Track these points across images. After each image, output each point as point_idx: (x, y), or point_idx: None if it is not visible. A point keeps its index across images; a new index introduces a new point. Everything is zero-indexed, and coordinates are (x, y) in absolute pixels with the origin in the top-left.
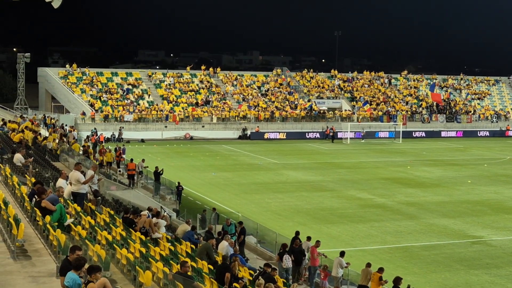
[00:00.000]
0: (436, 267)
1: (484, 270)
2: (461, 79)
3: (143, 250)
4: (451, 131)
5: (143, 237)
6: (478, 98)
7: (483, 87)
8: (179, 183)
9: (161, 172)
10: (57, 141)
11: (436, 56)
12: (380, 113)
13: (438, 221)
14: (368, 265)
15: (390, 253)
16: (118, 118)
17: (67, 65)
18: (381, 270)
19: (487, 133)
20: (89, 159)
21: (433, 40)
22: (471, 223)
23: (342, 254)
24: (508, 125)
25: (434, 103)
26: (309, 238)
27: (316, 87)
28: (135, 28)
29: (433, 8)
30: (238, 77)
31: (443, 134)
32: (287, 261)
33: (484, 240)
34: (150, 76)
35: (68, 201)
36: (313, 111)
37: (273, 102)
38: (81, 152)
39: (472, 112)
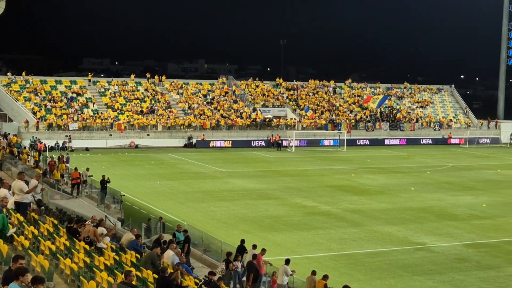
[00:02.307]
0: (380, 274)
1: (427, 276)
2: (404, 87)
3: (87, 260)
4: (395, 139)
5: (87, 247)
6: (421, 107)
7: (426, 95)
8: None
9: (108, 181)
10: None
11: (380, 65)
12: (324, 121)
13: (382, 228)
14: (313, 272)
15: (335, 260)
16: (62, 127)
17: (8, 73)
18: (325, 277)
19: (430, 141)
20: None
21: (376, 49)
22: (415, 230)
23: (287, 261)
24: (450, 133)
25: (378, 110)
26: (254, 246)
27: (261, 95)
28: (80, 36)
29: (376, 18)
30: (183, 85)
31: (386, 142)
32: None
33: (427, 246)
34: (90, 80)
35: (10, 210)
36: (258, 120)
37: (219, 110)
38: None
39: (415, 120)
